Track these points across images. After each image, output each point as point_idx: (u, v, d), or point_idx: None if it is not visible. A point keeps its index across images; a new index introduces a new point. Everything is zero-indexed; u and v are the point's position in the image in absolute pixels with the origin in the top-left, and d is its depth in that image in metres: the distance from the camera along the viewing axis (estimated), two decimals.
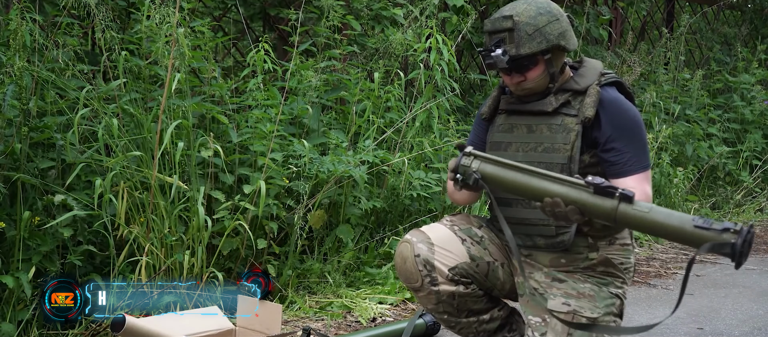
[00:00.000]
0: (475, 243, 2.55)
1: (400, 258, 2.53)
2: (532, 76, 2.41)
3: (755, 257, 5.36)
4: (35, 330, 3.15)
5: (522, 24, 2.36)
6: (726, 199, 6.83)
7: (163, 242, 3.42)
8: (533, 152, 2.44)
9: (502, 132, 2.53)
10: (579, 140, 2.39)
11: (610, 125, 2.39)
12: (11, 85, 3.25)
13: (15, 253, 3.17)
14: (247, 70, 4.33)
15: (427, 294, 2.51)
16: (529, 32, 2.35)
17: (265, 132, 3.88)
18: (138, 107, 3.63)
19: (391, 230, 4.34)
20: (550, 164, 2.40)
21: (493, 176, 2.23)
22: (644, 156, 2.41)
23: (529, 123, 2.47)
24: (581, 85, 2.44)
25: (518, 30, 2.35)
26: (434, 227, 2.58)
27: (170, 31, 3.57)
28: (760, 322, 3.83)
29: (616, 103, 2.43)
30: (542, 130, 2.44)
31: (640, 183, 2.36)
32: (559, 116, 2.43)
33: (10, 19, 3.41)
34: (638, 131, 2.42)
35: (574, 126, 2.40)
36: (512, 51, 2.36)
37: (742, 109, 7.53)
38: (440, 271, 2.48)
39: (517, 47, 2.36)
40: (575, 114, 2.41)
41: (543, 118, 2.45)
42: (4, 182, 3.22)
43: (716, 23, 9.17)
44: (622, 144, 2.38)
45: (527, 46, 2.36)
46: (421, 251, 2.49)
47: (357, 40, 4.97)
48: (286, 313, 3.63)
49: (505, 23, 2.37)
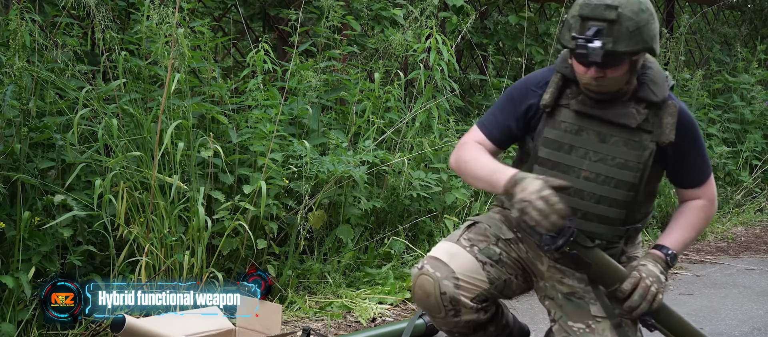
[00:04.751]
0: (494, 264, 2.42)
1: (421, 291, 2.36)
2: (613, 74, 2.20)
3: (755, 257, 5.36)
4: (35, 330, 3.15)
5: (625, 18, 2.13)
6: (726, 199, 6.82)
7: (163, 242, 3.42)
8: (603, 165, 2.28)
9: (567, 132, 2.31)
10: (651, 160, 2.28)
11: (685, 142, 2.29)
12: (11, 85, 3.25)
13: (15, 253, 3.17)
14: (246, 71, 4.33)
15: (445, 322, 2.41)
16: (631, 29, 2.14)
17: (265, 132, 3.88)
18: (138, 107, 3.63)
19: (391, 230, 4.34)
20: (620, 181, 2.28)
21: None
22: (708, 159, 2.39)
23: (601, 131, 2.29)
24: (658, 97, 2.27)
25: (620, 24, 2.13)
26: (454, 253, 2.40)
27: (170, 31, 3.57)
28: (760, 322, 3.83)
29: (689, 119, 2.32)
30: (618, 144, 2.27)
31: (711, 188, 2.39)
32: (638, 132, 2.27)
33: (10, 19, 3.41)
34: (702, 138, 2.36)
35: (648, 144, 2.27)
36: (609, 45, 2.13)
37: (742, 110, 7.52)
38: (464, 304, 2.36)
39: (615, 42, 2.13)
40: (651, 130, 2.27)
41: (622, 131, 2.27)
42: (4, 182, 3.22)
43: (716, 23, 9.17)
44: (694, 157, 2.33)
45: (625, 43, 2.14)
46: (448, 288, 2.34)
47: (357, 41, 4.96)
48: (286, 313, 3.63)
49: (608, 13, 2.13)
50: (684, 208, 2.39)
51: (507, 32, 6.49)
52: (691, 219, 2.35)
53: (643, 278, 2.20)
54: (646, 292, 2.19)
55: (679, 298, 4.26)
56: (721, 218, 6.51)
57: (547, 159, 2.34)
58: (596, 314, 2.36)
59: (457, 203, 4.48)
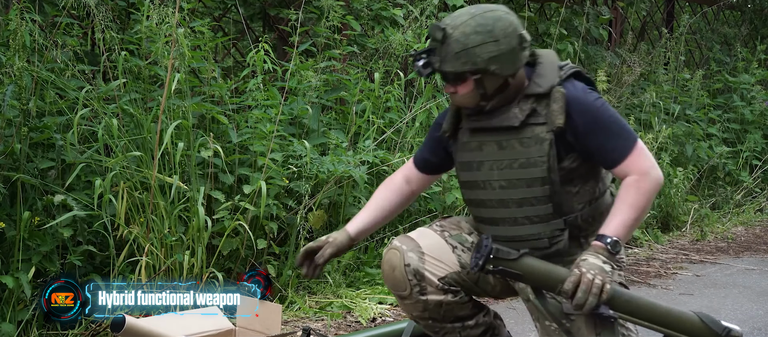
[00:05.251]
0: (466, 250, 2.45)
1: (388, 265, 2.42)
2: (461, 91, 2.29)
3: (755, 257, 5.36)
4: (35, 330, 3.15)
5: (452, 40, 2.23)
6: (726, 199, 6.83)
7: (163, 242, 3.42)
8: (509, 170, 2.33)
9: (470, 151, 2.40)
10: (553, 149, 2.29)
11: (583, 125, 2.28)
12: (11, 85, 3.25)
13: (15, 253, 3.17)
14: (246, 71, 4.33)
15: (414, 302, 2.42)
16: (456, 51, 2.23)
17: (265, 132, 3.88)
18: (138, 107, 3.63)
19: (391, 230, 4.34)
20: (531, 179, 2.31)
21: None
22: (626, 133, 2.30)
23: (498, 139, 2.34)
24: (543, 87, 2.30)
25: (447, 45, 2.24)
26: (424, 233, 2.47)
27: (170, 31, 3.57)
28: (760, 322, 3.83)
29: (581, 100, 2.30)
30: (514, 145, 2.32)
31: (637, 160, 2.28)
32: (528, 128, 2.31)
33: (10, 19, 3.42)
34: (610, 116, 2.32)
35: (545, 135, 2.29)
36: (436, 64, 2.26)
37: (742, 110, 7.53)
38: (430, 281, 2.39)
39: (441, 62, 2.25)
40: (544, 122, 2.30)
41: (511, 134, 2.32)
42: (4, 182, 3.22)
43: (716, 23, 9.17)
44: (602, 136, 2.29)
45: (450, 64, 2.24)
46: (412, 260, 2.38)
47: (357, 41, 4.97)
48: (286, 313, 3.63)
49: (437, 35, 2.25)
50: (620, 190, 2.34)
51: None
52: (626, 199, 2.28)
53: (583, 274, 2.15)
54: (589, 286, 2.13)
55: (679, 298, 4.27)
56: (721, 218, 6.52)
57: (465, 181, 2.44)
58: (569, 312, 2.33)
59: (458, 203, 4.48)
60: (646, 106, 6.58)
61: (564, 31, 6.38)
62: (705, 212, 6.35)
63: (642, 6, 8.17)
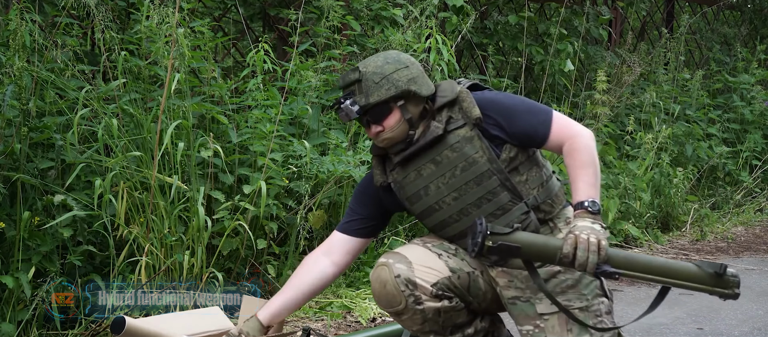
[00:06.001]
0: (452, 255, 2.47)
1: (378, 283, 2.41)
2: (389, 125, 2.39)
3: (755, 257, 5.37)
4: (35, 330, 3.15)
5: (368, 74, 2.38)
6: (726, 199, 6.83)
7: (163, 243, 3.42)
8: (454, 179, 2.39)
9: (411, 182, 2.45)
10: (484, 142, 2.38)
11: (499, 116, 2.39)
12: (11, 85, 3.25)
13: (15, 253, 3.17)
14: (246, 71, 4.33)
15: (411, 315, 2.42)
16: (376, 81, 2.37)
17: (265, 132, 3.88)
18: (138, 107, 3.64)
19: (391, 230, 4.34)
20: (478, 177, 2.38)
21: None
22: (539, 109, 2.41)
23: (431, 158, 2.42)
24: (449, 96, 2.42)
25: (366, 80, 2.38)
26: (407, 247, 2.50)
27: (170, 31, 3.57)
28: (760, 322, 3.83)
29: (487, 97, 2.44)
30: (447, 155, 2.40)
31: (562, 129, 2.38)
32: (452, 134, 2.40)
33: (10, 19, 3.42)
34: (518, 100, 2.46)
35: (470, 133, 2.39)
36: (362, 101, 2.37)
37: (742, 110, 7.53)
38: (423, 288, 2.40)
39: (366, 96, 2.37)
40: (463, 123, 2.40)
41: (440, 146, 2.40)
42: (4, 182, 3.22)
43: (716, 23, 9.17)
44: (520, 119, 2.39)
45: (376, 94, 2.37)
46: (401, 270, 2.39)
47: (357, 41, 4.97)
48: None
49: (352, 75, 2.40)
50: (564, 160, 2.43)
51: (507, 32, 6.50)
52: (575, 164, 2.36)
53: (578, 236, 2.20)
54: (586, 245, 2.18)
55: (679, 298, 4.26)
56: (721, 218, 6.52)
57: (420, 212, 2.48)
58: (543, 312, 2.40)
59: None
60: (646, 106, 6.58)
61: (564, 31, 6.39)
62: (705, 212, 6.35)
63: (642, 6, 8.17)
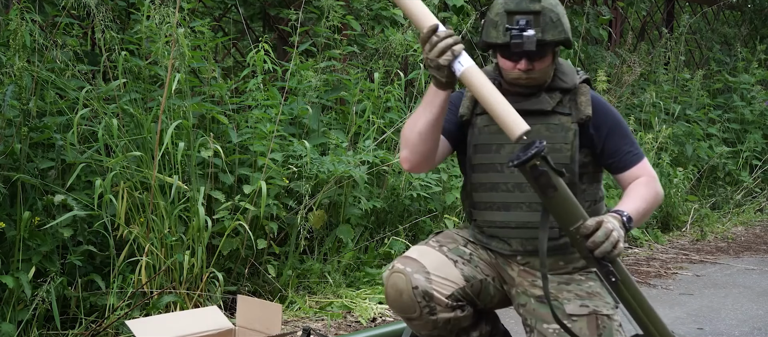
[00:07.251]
0: (466, 262, 2.44)
1: (394, 291, 2.35)
2: (540, 66, 2.30)
3: (755, 257, 5.36)
4: (35, 330, 3.15)
5: (548, 9, 2.26)
6: (726, 199, 6.83)
7: (163, 243, 3.42)
8: None
9: (491, 134, 2.37)
10: (577, 139, 2.36)
11: (605, 124, 2.39)
12: (11, 85, 3.25)
13: (15, 253, 3.17)
14: (247, 71, 4.33)
15: (423, 323, 2.39)
16: (554, 19, 2.26)
17: (265, 132, 3.88)
18: (138, 107, 3.63)
19: (391, 230, 4.34)
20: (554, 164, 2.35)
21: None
22: (636, 144, 2.45)
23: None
24: (567, 84, 2.38)
25: (544, 15, 2.25)
26: (424, 251, 2.42)
27: (170, 31, 3.57)
28: (760, 322, 3.83)
29: (604, 103, 2.43)
30: (540, 130, 2.34)
31: (647, 168, 2.42)
32: (556, 116, 2.36)
33: (10, 19, 3.42)
34: (625, 125, 2.46)
35: (570, 125, 2.36)
36: (539, 35, 2.24)
37: (742, 110, 7.53)
38: (439, 300, 2.35)
39: (543, 32, 2.24)
40: (569, 113, 2.36)
41: (540, 118, 2.35)
42: (4, 182, 3.22)
43: (716, 23, 9.17)
44: (620, 140, 2.40)
45: (551, 33, 2.26)
46: (419, 282, 2.33)
47: (357, 41, 4.97)
48: (286, 313, 3.63)
49: (533, 6, 2.25)
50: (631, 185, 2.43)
51: None
52: (640, 192, 2.37)
53: (605, 222, 2.17)
54: (608, 233, 2.14)
55: (679, 298, 4.27)
56: (721, 218, 6.52)
57: (479, 164, 2.42)
58: (572, 313, 2.35)
59: (457, 203, 4.48)
60: (646, 106, 6.58)
61: None
62: (705, 212, 6.35)
63: (642, 6, 8.17)
